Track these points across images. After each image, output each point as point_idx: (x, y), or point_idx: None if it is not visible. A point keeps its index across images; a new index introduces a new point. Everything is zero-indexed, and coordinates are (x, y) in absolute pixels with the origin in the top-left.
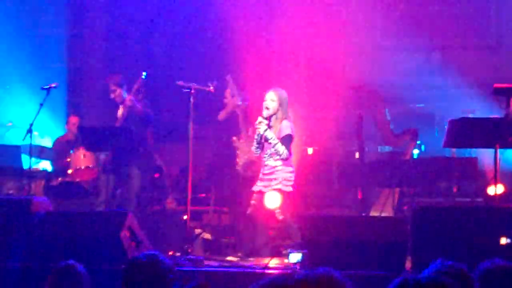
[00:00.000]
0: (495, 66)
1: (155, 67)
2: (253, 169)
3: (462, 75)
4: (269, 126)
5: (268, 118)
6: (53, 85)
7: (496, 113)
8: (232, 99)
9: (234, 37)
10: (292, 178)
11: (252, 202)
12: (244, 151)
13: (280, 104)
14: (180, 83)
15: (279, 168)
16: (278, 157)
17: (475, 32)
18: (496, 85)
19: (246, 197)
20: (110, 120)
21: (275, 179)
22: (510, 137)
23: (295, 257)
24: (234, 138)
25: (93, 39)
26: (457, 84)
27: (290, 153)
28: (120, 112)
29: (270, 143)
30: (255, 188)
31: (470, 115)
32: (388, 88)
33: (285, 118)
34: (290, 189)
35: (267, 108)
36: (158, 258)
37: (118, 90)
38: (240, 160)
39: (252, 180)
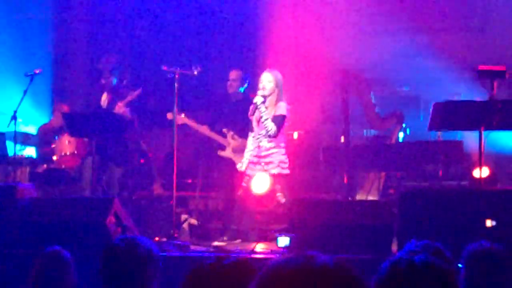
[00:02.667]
0: (481, 49)
1: (139, 52)
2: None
3: (447, 57)
4: (265, 107)
5: (264, 99)
6: (37, 71)
7: (480, 96)
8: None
9: (218, 22)
10: (287, 160)
11: (243, 184)
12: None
13: (276, 85)
14: (165, 67)
15: (275, 150)
16: (264, 131)
17: (460, 15)
18: (480, 67)
19: (233, 181)
20: (95, 106)
21: (271, 162)
22: (495, 120)
23: (283, 241)
24: (225, 130)
25: (77, 24)
26: (442, 67)
27: (281, 133)
28: (104, 98)
29: (261, 116)
30: (250, 171)
31: (455, 98)
32: (373, 72)
33: (281, 100)
34: (287, 171)
35: (264, 89)
36: (136, 242)
37: (111, 78)
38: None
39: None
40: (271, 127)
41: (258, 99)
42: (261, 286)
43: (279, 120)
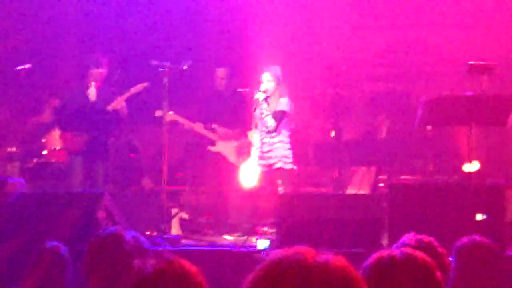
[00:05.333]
0: (470, 44)
1: (129, 47)
2: (242, 155)
3: (437, 53)
4: (267, 103)
5: (266, 96)
6: (27, 66)
7: (471, 91)
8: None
9: (209, 17)
10: (291, 155)
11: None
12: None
13: (277, 82)
14: (155, 62)
15: (278, 145)
16: (265, 128)
17: (450, 10)
18: (470, 62)
19: (223, 175)
20: (82, 99)
21: (274, 157)
22: (484, 115)
23: (262, 243)
24: (214, 125)
25: (67, 19)
26: (432, 62)
27: (285, 128)
28: (92, 91)
29: (262, 113)
30: (257, 167)
31: (445, 93)
32: (363, 66)
33: (284, 95)
34: (290, 166)
35: (266, 89)
36: (121, 235)
37: (104, 69)
38: (230, 156)
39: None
40: (271, 123)
41: (259, 96)
42: (260, 280)
43: (279, 116)
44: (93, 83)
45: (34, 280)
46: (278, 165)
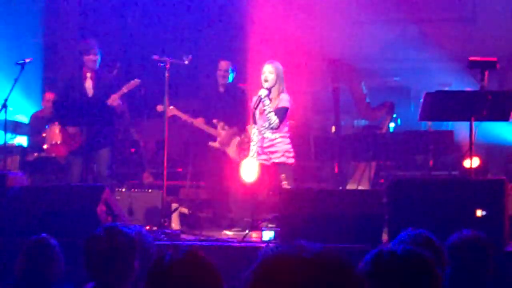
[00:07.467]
0: (471, 39)
1: (131, 41)
2: (244, 151)
3: (438, 48)
4: (270, 99)
5: (268, 91)
6: (28, 60)
7: (471, 86)
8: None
9: (210, 12)
10: (292, 150)
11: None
12: (223, 137)
13: (278, 76)
14: (156, 57)
15: (279, 140)
16: (267, 124)
17: (451, 5)
18: (471, 58)
19: (223, 170)
20: (78, 92)
21: (276, 151)
22: (485, 110)
23: (267, 234)
24: (215, 121)
25: (68, 14)
26: (433, 57)
27: (284, 124)
28: (88, 84)
29: (264, 109)
30: (256, 162)
31: (446, 88)
32: (364, 62)
33: (283, 91)
34: (292, 160)
35: (266, 81)
36: (117, 230)
37: (97, 56)
38: (230, 151)
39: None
40: (274, 120)
41: (262, 92)
42: (256, 276)
43: (282, 113)
44: (88, 74)
45: (22, 272)
46: (281, 160)
